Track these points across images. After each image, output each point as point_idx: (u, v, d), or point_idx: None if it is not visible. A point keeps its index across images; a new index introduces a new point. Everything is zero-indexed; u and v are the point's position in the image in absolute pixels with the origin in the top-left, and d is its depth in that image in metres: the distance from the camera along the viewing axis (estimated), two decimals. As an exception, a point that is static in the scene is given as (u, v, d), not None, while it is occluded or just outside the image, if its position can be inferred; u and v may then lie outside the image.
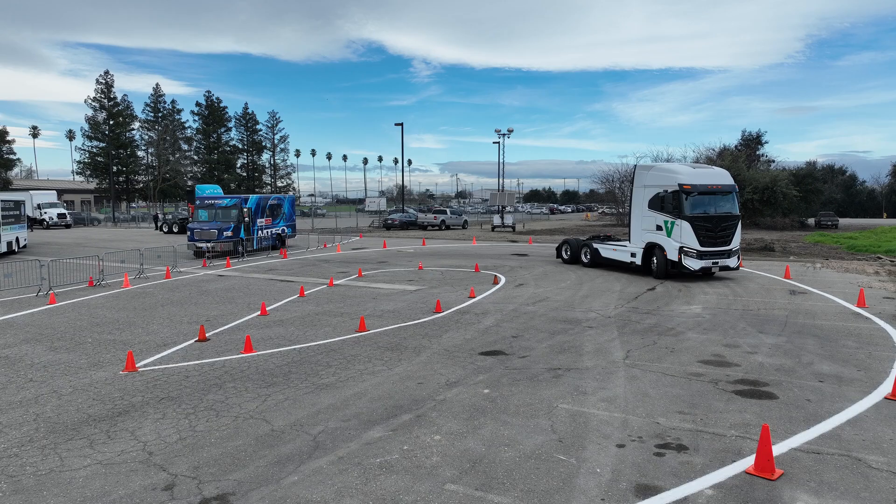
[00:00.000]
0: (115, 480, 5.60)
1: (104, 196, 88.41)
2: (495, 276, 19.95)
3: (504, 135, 52.55)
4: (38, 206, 55.95)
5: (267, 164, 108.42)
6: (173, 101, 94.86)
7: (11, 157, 78.05)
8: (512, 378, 8.79)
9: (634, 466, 5.84)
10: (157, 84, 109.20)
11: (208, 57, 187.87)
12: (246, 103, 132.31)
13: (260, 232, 30.05)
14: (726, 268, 18.70)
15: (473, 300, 15.60)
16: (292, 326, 12.53)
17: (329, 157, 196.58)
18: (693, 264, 18.22)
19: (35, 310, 14.56)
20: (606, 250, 21.80)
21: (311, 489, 5.40)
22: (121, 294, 16.90)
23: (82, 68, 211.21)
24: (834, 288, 17.33)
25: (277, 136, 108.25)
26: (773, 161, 58.44)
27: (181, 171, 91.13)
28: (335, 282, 19.06)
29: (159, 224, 51.24)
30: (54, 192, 64.84)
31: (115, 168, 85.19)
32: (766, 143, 69.46)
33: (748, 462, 5.85)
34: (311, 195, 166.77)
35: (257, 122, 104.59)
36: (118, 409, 7.55)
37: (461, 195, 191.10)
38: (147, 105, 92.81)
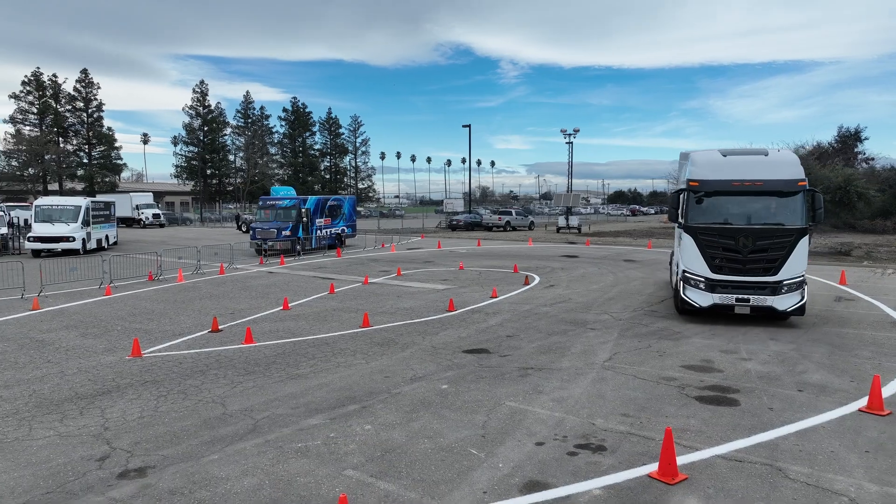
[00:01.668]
0: (62, 451, 6.28)
1: (199, 197, 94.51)
2: (527, 276, 19.86)
3: (571, 135, 51.84)
4: (137, 207, 60.79)
5: (349, 167, 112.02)
6: (262, 108, 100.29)
7: (119, 162, 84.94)
8: (478, 375, 8.91)
9: (538, 464, 5.88)
10: (247, 91, 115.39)
11: (303, 64, 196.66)
12: (329, 108, 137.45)
13: (319, 231, 31.32)
14: (767, 310, 11.89)
15: (493, 300, 15.70)
16: (304, 321, 13.16)
17: (413, 159, 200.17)
18: (699, 298, 12.34)
19: (90, 300, 16.06)
20: None
21: (222, 467, 5.84)
22: (170, 288, 18.27)
23: (189, 78, 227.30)
24: (890, 296, 16.04)
25: (359, 140, 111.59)
26: (872, 159, 54.07)
27: (268, 174, 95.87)
28: (370, 280, 19.67)
29: (240, 224, 54.30)
30: (150, 194, 70.16)
31: (208, 171, 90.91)
32: (867, 139, 64.11)
33: (657, 466, 5.74)
34: (397, 196, 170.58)
35: (340, 127, 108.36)
36: (103, 390, 8.35)
37: (546, 196, 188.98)
38: (238, 112, 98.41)
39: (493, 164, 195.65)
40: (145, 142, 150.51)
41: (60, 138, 79.28)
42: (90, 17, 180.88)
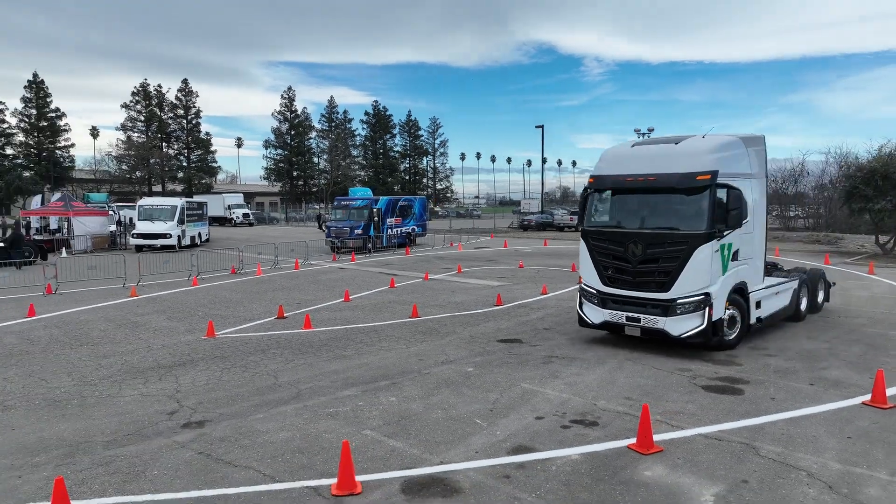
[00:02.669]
0: (142, 406, 7.66)
1: (286, 198, 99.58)
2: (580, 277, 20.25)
3: (644, 134, 51.02)
4: (228, 207, 65.15)
5: (428, 168, 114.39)
6: (345, 112, 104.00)
7: (214, 164, 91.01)
8: (503, 361, 9.70)
9: (531, 433, 6.65)
10: (331, 96, 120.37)
11: (386, 67, 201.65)
12: (409, 111, 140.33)
13: (389, 230, 32.83)
14: (659, 334, 9.81)
15: (541, 297, 16.35)
16: (360, 311, 14.36)
17: (493, 159, 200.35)
18: (592, 314, 10.65)
19: (179, 290, 18.04)
20: None
21: (265, 423, 6.99)
22: (249, 280, 20.09)
23: (281, 84, 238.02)
24: (961, 299, 15.37)
25: (437, 141, 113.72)
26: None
27: (350, 175, 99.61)
28: (430, 276, 20.74)
29: (321, 223, 57.12)
30: (241, 194, 74.80)
31: (294, 173, 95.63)
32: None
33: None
34: (476, 197, 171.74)
35: (419, 129, 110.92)
36: (180, 362, 9.80)
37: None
38: (323, 116, 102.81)
39: (574, 163, 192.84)
40: (239, 145, 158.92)
41: (164, 143, 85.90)
42: (193, 30, 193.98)
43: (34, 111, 79.24)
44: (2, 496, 5.31)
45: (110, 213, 36.19)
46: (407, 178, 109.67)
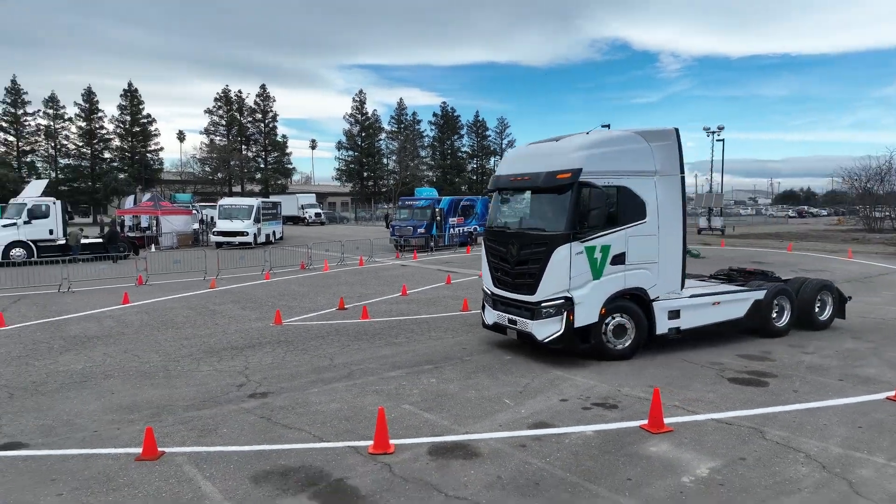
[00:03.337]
0: (215, 379, 8.82)
1: (357, 198, 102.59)
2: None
3: (714, 133, 49.72)
4: (302, 207, 68.04)
5: (495, 168, 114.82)
6: (414, 113, 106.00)
7: (289, 166, 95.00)
8: (540, 351, 10.32)
9: (553, 413, 7.30)
10: (400, 98, 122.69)
11: (456, 68, 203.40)
12: (477, 111, 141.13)
13: (451, 230, 33.76)
14: (529, 338, 9.57)
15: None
16: (415, 304, 15.28)
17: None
18: (487, 315, 10.64)
19: (252, 283, 19.57)
20: None
21: (318, 397, 7.96)
22: (316, 276, 21.46)
23: (354, 86, 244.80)
24: None
25: (505, 141, 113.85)
26: None
27: (418, 176, 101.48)
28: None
29: (388, 222, 58.81)
30: (314, 195, 77.92)
31: (364, 174, 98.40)
32: None
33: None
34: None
35: (487, 129, 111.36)
36: (249, 344, 10.99)
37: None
38: (392, 118, 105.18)
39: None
40: (313, 147, 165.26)
41: (243, 146, 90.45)
42: (271, 36, 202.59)
43: (128, 117, 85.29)
44: (106, 442, 6.48)
45: (194, 212, 38.86)
46: (474, 178, 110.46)
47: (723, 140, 54.17)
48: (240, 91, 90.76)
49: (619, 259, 9.43)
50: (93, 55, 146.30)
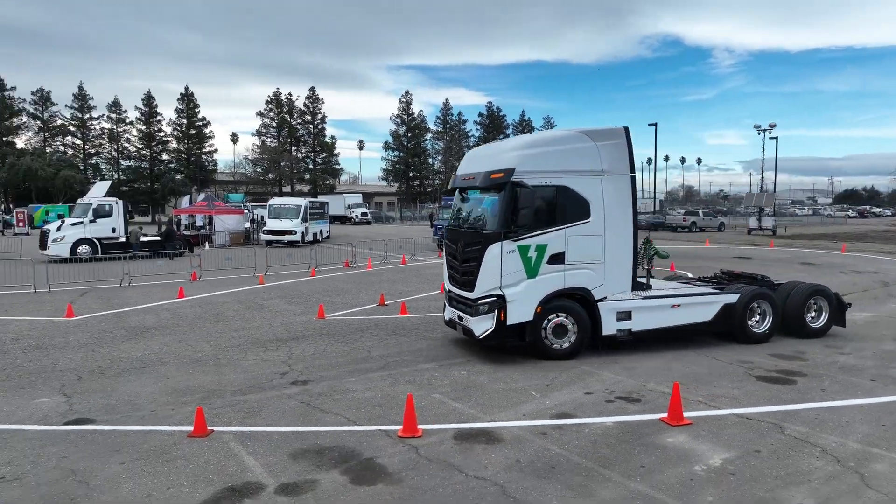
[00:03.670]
0: (261, 368, 9.44)
1: (403, 198, 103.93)
2: (676, 274, 20.32)
3: (765, 130, 48.40)
4: (349, 207, 69.39)
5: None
6: (459, 113, 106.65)
7: (337, 167, 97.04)
8: (587, 349, 10.56)
9: (577, 405, 7.59)
10: (446, 99, 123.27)
11: (503, 67, 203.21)
12: (523, 111, 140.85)
13: (494, 229, 34.03)
14: (470, 333, 9.74)
15: (629, 293, 16.82)
16: (453, 301, 15.69)
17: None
18: (446, 312, 10.88)
19: (299, 279, 20.36)
20: None
21: (355, 385, 8.46)
22: (359, 273, 22.13)
23: (401, 87, 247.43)
24: None
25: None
26: None
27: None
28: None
29: (433, 222, 59.46)
30: (360, 195, 79.27)
31: (410, 174, 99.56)
32: None
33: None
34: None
35: (532, 128, 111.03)
36: (293, 337, 11.62)
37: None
38: (438, 118, 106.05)
39: (699, 161, 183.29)
40: (361, 147, 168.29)
41: (293, 147, 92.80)
42: (320, 38, 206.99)
43: (185, 120, 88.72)
44: (161, 420, 7.12)
45: (245, 211, 40.31)
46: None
47: (776, 138, 52.86)
48: (290, 93, 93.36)
49: (558, 258, 9.46)
50: (153, 61, 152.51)
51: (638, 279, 10.68)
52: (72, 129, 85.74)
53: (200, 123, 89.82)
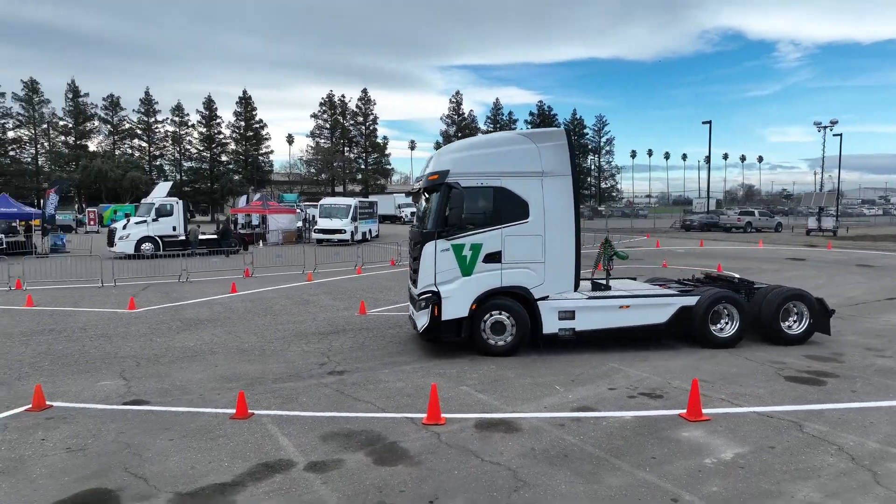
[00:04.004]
0: (302, 358, 10.01)
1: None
2: (721, 275, 19.99)
3: (826, 127, 46.53)
4: (399, 206, 70.41)
5: (592, 167, 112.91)
6: (510, 113, 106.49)
7: (387, 167, 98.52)
8: (602, 344, 10.72)
9: (598, 399, 7.80)
10: (496, 98, 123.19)
11: (556, 65, 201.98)
12: (574, 109, 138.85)
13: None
14: (415, 327, 10.46)
15: (670, 293, 16.74)
16: (491, 299, 15.98)
17: (667, 156, 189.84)
18: (410, 308, 11.48)
19: (344, 276, 21.07)
20: None
21: (388, 376, 8.91)
22: (404, 271, 22.56)
23: (453, 87, 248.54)
24: None
25: (603, 139, 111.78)
26: None
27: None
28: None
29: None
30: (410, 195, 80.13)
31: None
32: None
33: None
34: (648, 196, 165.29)
35: (584, 127, 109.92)
36: (335, 330, 12.19)
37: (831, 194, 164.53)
38: (488, 117, 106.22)
39: (760, 159, 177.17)
40: (412, 148, 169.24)
41: (345, 148, 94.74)
42: (374, 39, 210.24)
43: (243, 123, 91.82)
44: (208, 403, 7.74)
45: (297, 211, 41.60)
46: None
47: (840, 134, 50.77)
48: (343, 95, 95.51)
49: (494, 257, 9.72)
50: (214, 65, 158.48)
51: (598, 280, 11.03)
52: (139, 132, 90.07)
53: (257, 125, 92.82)
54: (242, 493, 5.30)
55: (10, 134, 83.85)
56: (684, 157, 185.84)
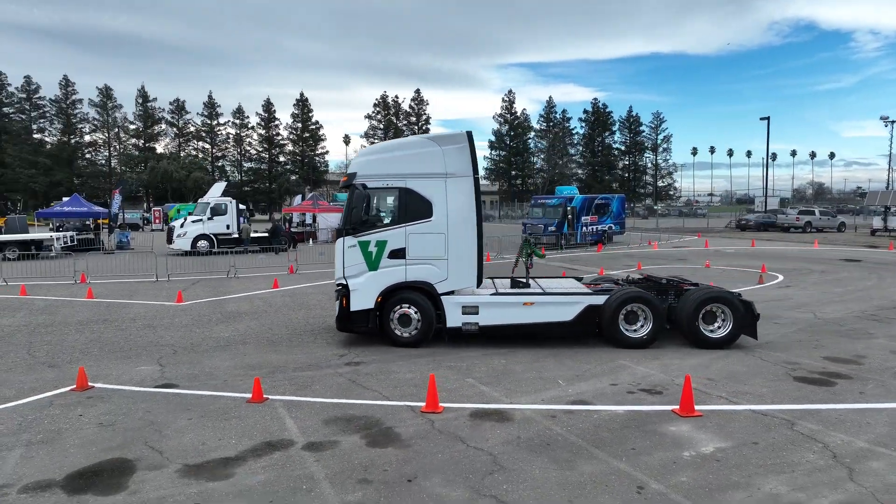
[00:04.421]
0: (325, 349, 10.60)
1: (505, 197, 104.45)
2: (761, 276, 19.56)
3: (893, 122, 44.16)
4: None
5: (649, 165, 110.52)
6: (564, 111, 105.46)
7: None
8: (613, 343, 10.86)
9: (597, 394, 8.02)
10: (549, 96, 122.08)
11: (615, 61, 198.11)
12: (630, 106, 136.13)
13: (584, 228, 33.90)
14: None
15: (704, 294, 16.55)
16: (520, 297, 16.23)
17: (730, 153, 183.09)
18: None
19: (384, 274, 21.66)
20: None
21: (400, 368, 9.35)
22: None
23: (510, 85, 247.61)
24: None
25: (660, 136, 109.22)
26: None
27: (567, 174, 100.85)
28: (605, 272, 21.72)
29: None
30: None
31: (512, 172, 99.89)
32: None
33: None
34: (710, 194, 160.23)
35: (640, 124, 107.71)
36: (361, 324, 12.72)
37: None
38: (541, 115, 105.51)
39: (831, 155, 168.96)
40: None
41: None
42: (429, 39, 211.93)
43: (300, 124, 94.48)
44: (230, 388, 8.38)
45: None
46: (626, 175, 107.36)
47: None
48: (396, 96, 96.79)
49: (399, 254, 10.37)
50: (274, 68, 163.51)
51: (519, 278, 11.67)
52: (202, 134, 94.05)
53: (314, 127, 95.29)
54: (242, 467, 5.84)
55: (87, 138, 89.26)
56: (748, 153, 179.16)
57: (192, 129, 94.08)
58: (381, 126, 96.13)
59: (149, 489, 5.39)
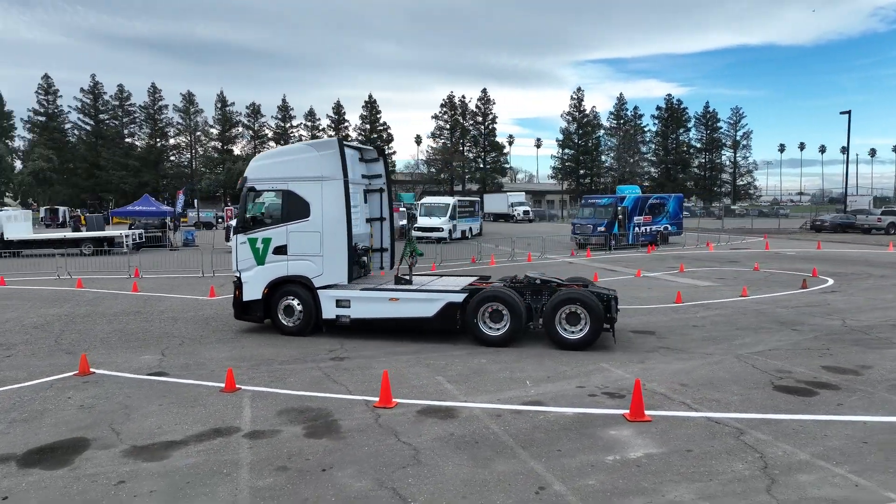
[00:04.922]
0: (319, 345, 11.01)
1: (573, 196, 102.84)
2: (805, 280, 18.46)
3: None
4: (511, 205, 70.68)
5: (727, 163, 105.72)
6: (635, 108, 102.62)
7: (505, 165, 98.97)
8: (608, 345, 10.69)
9: (557, 396, 7.99)
10: (620, 93, 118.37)
11: (701, 55, 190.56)
12: (707, 102, 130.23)
13: (637, 229, 33.02)
14: None
15: (735, 299, 15.91)
16: (539, 298, 16.15)
17: (822, 149, 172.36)
18: None
19: (417, 274, 22.00)
20: None
21: (379, 364, 9.61)
22: (478, 269, 23.24)
23: (587, 82, 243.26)
24: None
25: (739, 133, 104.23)
26: None
27: (638, 172, 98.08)
28: (643, 273, 21.20)
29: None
30: (523, 193, 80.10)
31: (580, 171, 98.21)
32: None
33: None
34: (800, 193, 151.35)
35: (717, 121, 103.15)
36: (367, 321, 13.09)
37: None
38: (611, 113, 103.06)
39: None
40: (538, 146, 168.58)
41: (464, 148, 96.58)
42: (503, 37, 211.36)
43: (368, 126, 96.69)
44: (212, 378, 8.92)
45: (401, 209, 43.47)
46: (702, 174, 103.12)
47: None
48: (463, 96, 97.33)
49: (281, 250, 11.45)
50: (345, 70, 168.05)
51: (403, 275, 12.28)
52: (276, 136, 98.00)
53: (381, 127, 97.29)
54: (180, 450, 6.29)
55: (172, 141, 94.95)
56: (843, 150, 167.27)
57: (266, 131, 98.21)
58: (448, 126, 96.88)
59: (88, 466, 5.93)
